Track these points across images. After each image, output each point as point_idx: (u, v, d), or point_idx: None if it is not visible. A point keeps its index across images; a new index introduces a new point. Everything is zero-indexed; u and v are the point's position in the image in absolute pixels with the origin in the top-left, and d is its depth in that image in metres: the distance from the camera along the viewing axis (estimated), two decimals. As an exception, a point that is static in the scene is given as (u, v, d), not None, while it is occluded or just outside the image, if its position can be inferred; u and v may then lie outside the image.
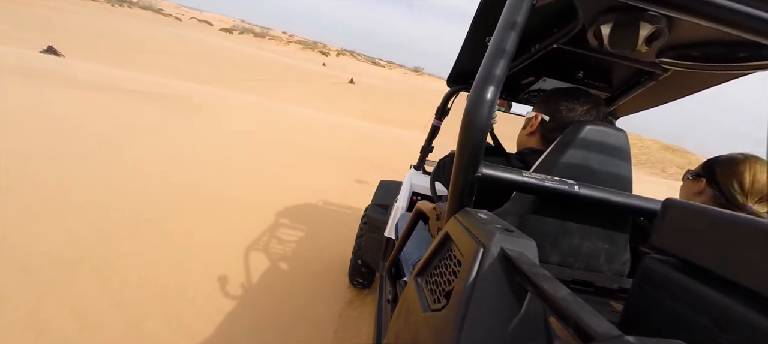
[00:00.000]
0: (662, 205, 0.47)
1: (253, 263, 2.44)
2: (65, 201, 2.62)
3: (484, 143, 0.63)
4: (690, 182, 1.11)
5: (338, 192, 4.12)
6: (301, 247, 2.79)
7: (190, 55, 17.48)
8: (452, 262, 0.58)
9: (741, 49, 0.86)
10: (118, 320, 1.75)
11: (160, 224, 2.63)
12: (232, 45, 29.22)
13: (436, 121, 2.08)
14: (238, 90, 11.72)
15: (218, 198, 3.26)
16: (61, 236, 2.22)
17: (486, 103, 0.61)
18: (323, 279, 2.46)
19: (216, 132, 5.55)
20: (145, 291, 1.97)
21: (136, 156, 3.83)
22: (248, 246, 2.62)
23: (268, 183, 3.97)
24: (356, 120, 10.95)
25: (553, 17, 1.03)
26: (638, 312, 0.47)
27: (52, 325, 1.64)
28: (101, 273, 2.00)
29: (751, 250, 0.35)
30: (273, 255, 2.59)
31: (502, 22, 0.66)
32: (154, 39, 20.22)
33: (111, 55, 13.03)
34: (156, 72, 11.10)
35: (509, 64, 0.64)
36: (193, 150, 4.49)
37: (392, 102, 18.96)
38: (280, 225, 3.07)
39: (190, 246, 2.45)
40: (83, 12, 25.06)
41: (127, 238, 2.37)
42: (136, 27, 23.65)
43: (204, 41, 25.66)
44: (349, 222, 3.31)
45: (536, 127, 1.03)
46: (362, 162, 5.76)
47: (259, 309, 2.04)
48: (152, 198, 2.97)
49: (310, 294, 2.27)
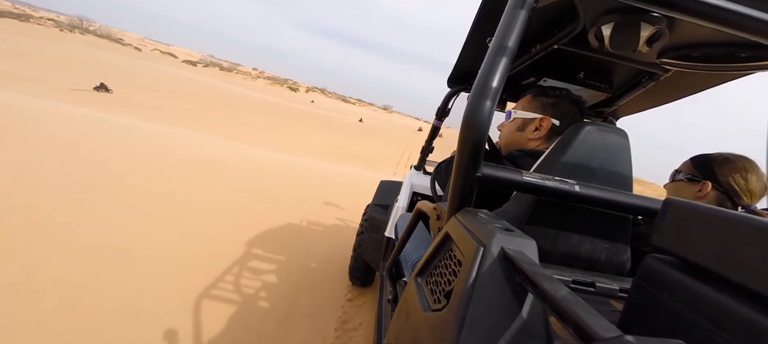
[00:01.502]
0: (663, 205, 0.47)
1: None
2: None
3: (484, 143, 0.63)
4: (686, 184, 1.10)
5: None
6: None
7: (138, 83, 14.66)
8: (452, 262, 0.58)
9: (741, 49, 0.86)
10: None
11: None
12: (189, 75, 26.03)
13: (436, 121, 2.08)
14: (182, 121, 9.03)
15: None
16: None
17: (486, 103, 0.61)
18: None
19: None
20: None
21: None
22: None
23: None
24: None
25: (554, 18, 1.03)
26: (638, 312, 0.47)
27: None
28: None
29: (752, 250, 0.35)
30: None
31: (502, 22, 0.66)
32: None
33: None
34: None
35: (510, 64, 0.64)
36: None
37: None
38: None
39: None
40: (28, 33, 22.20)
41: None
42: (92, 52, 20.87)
43: (158, 70, 22.35)
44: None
45: (545, 130, 1.01)
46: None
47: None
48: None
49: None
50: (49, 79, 10.27)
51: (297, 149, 9.37)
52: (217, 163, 5.09)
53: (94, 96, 9.78)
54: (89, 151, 4.12)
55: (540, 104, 1.05)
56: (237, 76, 45.62)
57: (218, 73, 42.81)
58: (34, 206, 2.69)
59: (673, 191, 1.14)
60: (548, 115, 1.01)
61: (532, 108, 1.06)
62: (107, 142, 4.63)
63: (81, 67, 14.27)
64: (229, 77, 41.18)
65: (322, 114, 22.92)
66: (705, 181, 1.07)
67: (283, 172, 5.52)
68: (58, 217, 2.63)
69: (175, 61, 42.32)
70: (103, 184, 3.35)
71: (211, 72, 40.88)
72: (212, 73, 39.94)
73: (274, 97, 26.80)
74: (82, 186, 3.21)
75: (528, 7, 0.66)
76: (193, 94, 15.84)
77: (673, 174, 1.16)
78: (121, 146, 4.65)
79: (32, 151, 3.71)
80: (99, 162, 3.86)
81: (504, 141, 1.12)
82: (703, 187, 1.07)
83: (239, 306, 2.18)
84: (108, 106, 8.68)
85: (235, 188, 4.25)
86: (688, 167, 1.13)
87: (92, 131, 4.94)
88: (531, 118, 1.04)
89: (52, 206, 2.76)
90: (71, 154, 3.88)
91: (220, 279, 2.41)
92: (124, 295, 2.03)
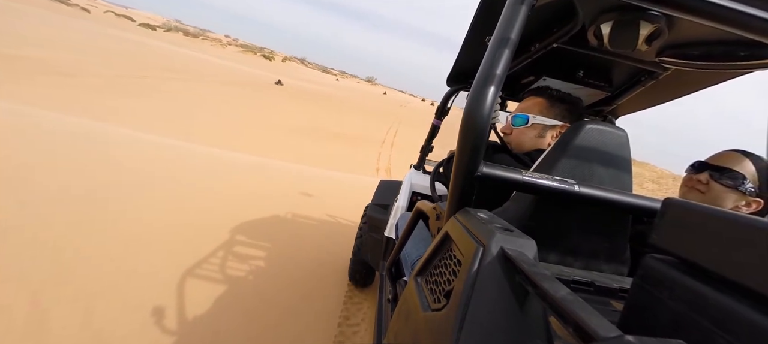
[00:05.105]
0: (662, 204, 0.47)
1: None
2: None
3: (484, 142, 0.63)
4: (737, 194, 0.93)
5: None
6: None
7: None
8: (452, 262, 0.58)
9: (740, 48, 0.86)
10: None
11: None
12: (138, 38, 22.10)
13: (435, 120, 2.08)
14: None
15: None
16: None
17: (486, 102, 0.61)
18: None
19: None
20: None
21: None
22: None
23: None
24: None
25: (553, 17, 1.03)
26: (638, 312, 0.47)
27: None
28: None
29: (751, 249, 0.35)
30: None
31: (502, 21, 0.66)
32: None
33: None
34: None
35: (509, 63, 0.64)
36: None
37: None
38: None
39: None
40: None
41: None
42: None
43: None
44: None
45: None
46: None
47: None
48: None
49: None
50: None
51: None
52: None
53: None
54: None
55: (560, 111, 1.03)
56: (204, 42, 42.21)
57: (181, 38, 38.56)
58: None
59: (717, 194, 0.95)
60: (569, 123, 1.01)
61: (552, 115, 1.03)
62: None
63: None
64: (195, 43, 37.31)
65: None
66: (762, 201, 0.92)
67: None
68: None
69: (131, 24, 38.10)
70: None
71: (173, 37, 36.70)
72: (173, 38, 35.76)
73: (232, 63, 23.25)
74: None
75: (528, 4, 0.66)
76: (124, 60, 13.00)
77: (729, 176, 0.94)
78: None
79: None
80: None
81: (519, 146, 1.08)
82: (758, 204, 0.92)
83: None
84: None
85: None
86: (755, 178, 0.93)
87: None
88: (552, 125, 1.02)
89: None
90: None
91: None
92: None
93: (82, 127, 4.61)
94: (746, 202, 0.94)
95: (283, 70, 34.11)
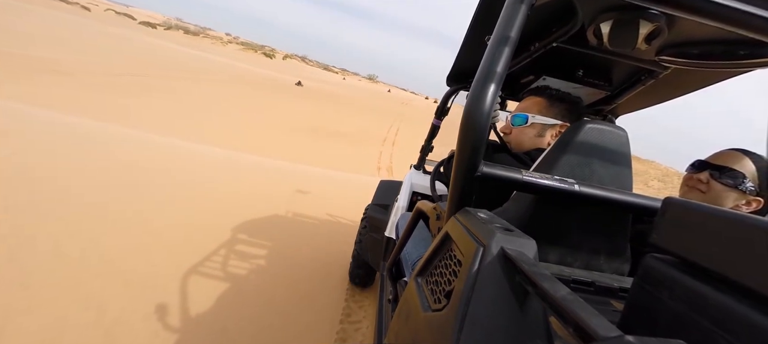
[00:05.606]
0: (662, 204, 0.47)
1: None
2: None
3: (484, 142, 0.63)
4: (737, 193, 0.93)
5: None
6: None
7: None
8: (452, 262, 0.58)
9: (740, 46, 0.86)
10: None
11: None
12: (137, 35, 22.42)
13: (435, 120, 2.08)
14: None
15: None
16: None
17: (486, 101, 0.61)
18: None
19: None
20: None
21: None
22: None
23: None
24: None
25: (553, 16, 1.03)
26: (639, 312, 0.47)
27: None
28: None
29: (751, 249, 0.35)
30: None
31: (501, 20, 0.66)
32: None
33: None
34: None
35: (509, 62, 0.64)
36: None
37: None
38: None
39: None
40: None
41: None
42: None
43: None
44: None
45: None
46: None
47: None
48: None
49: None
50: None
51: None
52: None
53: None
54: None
55: (559, 110, 1.03)
56: (204, 40, 42.00)
57: (181, 37, 38.41)
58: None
59: (717, 193, 0.95)
60: (568, 122, 1.01)
61: (552, 114, 1.03)
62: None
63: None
64: (195, 41, 36.99)
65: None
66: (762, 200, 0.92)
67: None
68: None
69: (132, 23, 37.94)
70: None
71: (173, 35, 36.48)
72: (173, 36, 35.68)
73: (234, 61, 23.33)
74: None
75: (528, 3, 0.66)
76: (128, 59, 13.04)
77: (729, 175, 0.94)
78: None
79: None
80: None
81: (518, 146, 1.07)
82: (758, 203, 0.92)
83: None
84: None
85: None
86: (755, 177, 0.93)
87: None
88: (551, 124, 1.02)
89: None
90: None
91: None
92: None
93: (83, 127, 4.63)
94: (746, 201, 0.94)
95: (285, 68, 34.00)
